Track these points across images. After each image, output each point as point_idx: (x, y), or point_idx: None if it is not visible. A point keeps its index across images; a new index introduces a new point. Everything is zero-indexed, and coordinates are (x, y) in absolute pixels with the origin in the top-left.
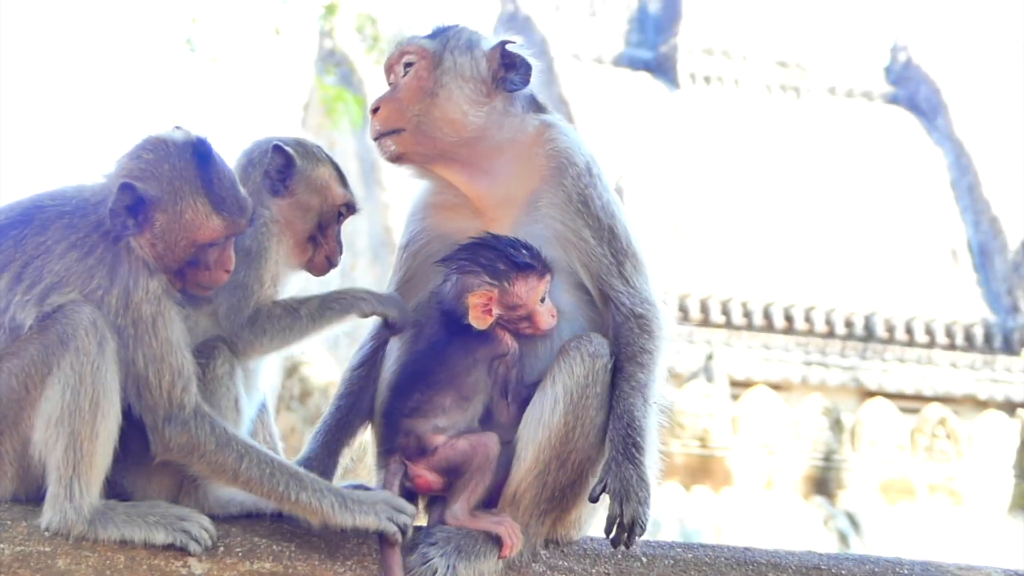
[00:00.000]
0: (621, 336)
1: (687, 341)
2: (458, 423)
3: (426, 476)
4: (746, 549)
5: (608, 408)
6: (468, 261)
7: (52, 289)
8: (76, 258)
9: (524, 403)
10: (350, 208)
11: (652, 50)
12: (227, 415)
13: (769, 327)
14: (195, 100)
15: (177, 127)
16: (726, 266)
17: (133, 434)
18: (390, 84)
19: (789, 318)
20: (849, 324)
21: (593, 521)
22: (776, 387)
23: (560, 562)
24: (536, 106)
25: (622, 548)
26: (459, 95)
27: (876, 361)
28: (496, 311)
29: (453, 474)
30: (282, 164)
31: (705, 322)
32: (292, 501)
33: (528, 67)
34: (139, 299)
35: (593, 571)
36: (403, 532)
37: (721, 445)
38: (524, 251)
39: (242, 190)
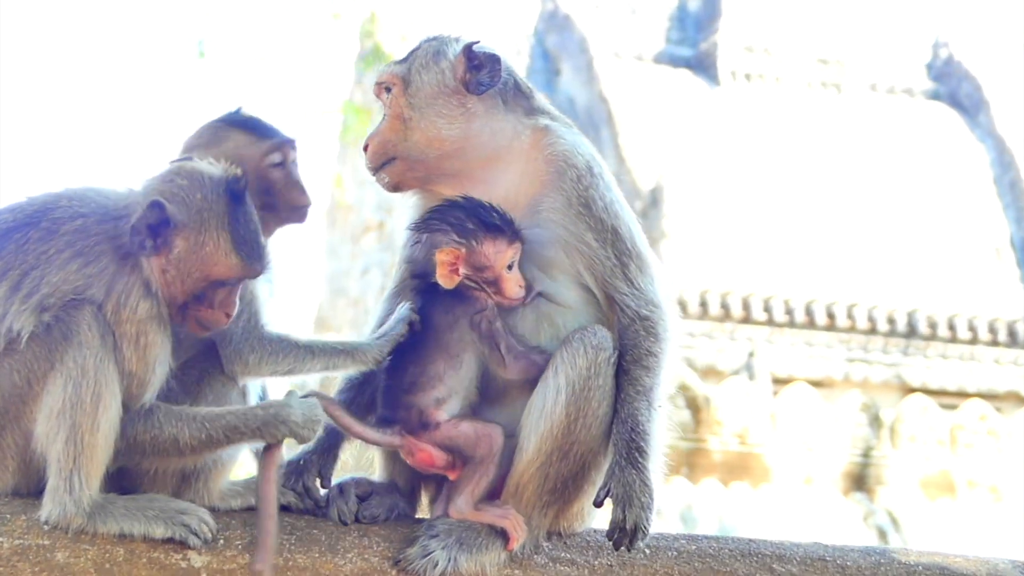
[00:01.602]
0: (627, 339)
1: (729, 339)
2: (455, 389)
3: (428, 451)
4: (750, 541)
5: (612, 401)
6: (438, 220)
7: (49, 297)
8: (77, 267)
9: (526, 358)
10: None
11: (693, 47)
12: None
13: (811, 324)
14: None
15: (211, 163)
16: (768, 263)
17: None
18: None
19: (831, 315)
20: (891, 321)
21: (596, 513)
22: (818, 384)
23: (563, 554)
24: (528, 104)
25: (622, 548)
26: (431, 112)
27: (919, 358)
28: (463, 271)
29: (455, 455)
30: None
31: (747, 319)
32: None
33: (495, 61)
34: (128, 315)
35: (596, 563)
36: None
37: (760, 442)
38: (495, 214)
39: (263, 239)
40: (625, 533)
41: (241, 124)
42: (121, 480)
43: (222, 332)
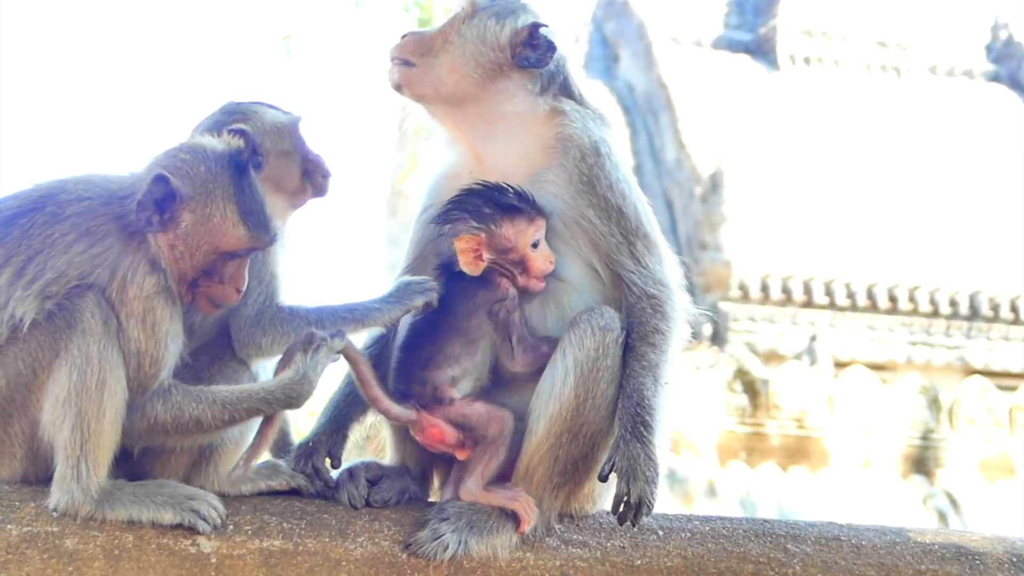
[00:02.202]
0: (633, 316)
1: (791, 323)
2: (469, 370)
3: (440, 426)
4: (764, 521)
5: (620, 381)
6: (456, 209)
7: (52, 283)
8: (82, 249)
9: (533, 351)
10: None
11: (751, 32)
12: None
13: (873, 307)
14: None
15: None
16: (829, 247)
17: None
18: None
19: (893, 298)
20: (954, 303)
21: (609, 495)
22: (880, 368)
23: (575, 536)
24: (562, 93)
25: (629, 525)
26: (471, 50)
27: (981, 340)
28: (487, 255)
29: (465, 433)
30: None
31: (808, 304)
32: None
33: (551, 50)
34: (135, 293)
35: (608, 545)
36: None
37: (818, 425)
38: (511, 194)
39: (269, 209)
40: (630, 507)
41: (261, 103)
42: (131, 466)
43: (235, 315)
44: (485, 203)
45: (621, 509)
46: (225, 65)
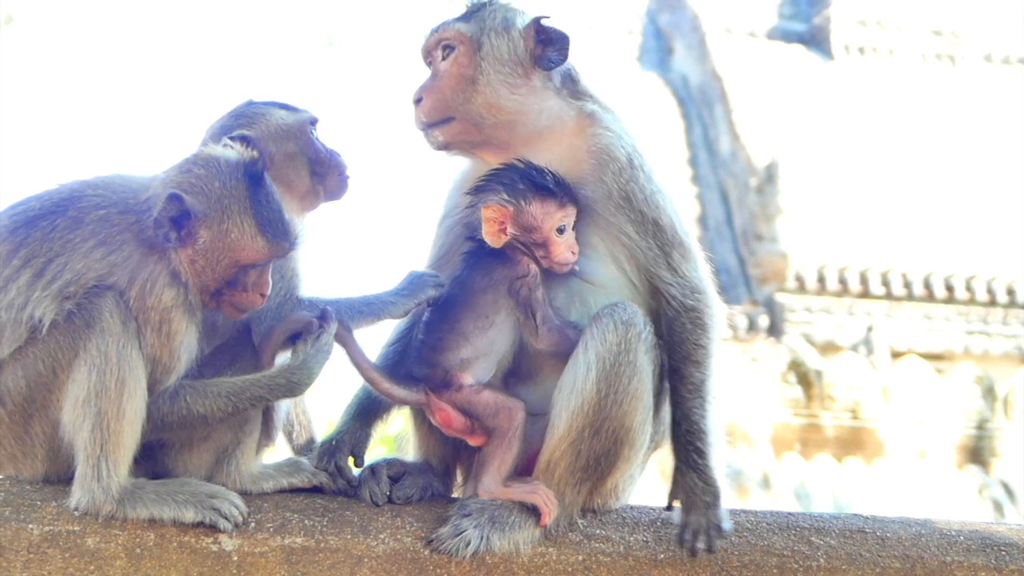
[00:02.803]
0: (674, 333)
1: (847, 313)
2: (482, 351)
3: (447, 410)
4: (789, 514)
5: (643, 376)
6: (493, 180)
7: (71, 284)
8: (100, 256)
9: (559, 332)
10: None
11: (805, 22)
12: None
13: (930, 297)
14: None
15: (229, 144)
16: (885, 237)
17: None
18: (430, 69)
19: (950, 288)
20: (1011, 292)
21: (632, 489)
22: (938, 357)
23: (598, 531)
24: (574, 87)
25: (687, 551)
26: (498, 80)
27: None
28: (511, 230)
29: (474, 420)
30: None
31: (865, 294)
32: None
33: (565, 40)
34: (153, 303)
35: (632, 539)
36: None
37: (873, 416)
38: (548, 176)
39: (287, 215)
40: (695, 535)
41: (271, 103)
42: (153, 465)
43: (255, 311)
44: (521, 179)
45: (687, 541)
46: (267, 58)
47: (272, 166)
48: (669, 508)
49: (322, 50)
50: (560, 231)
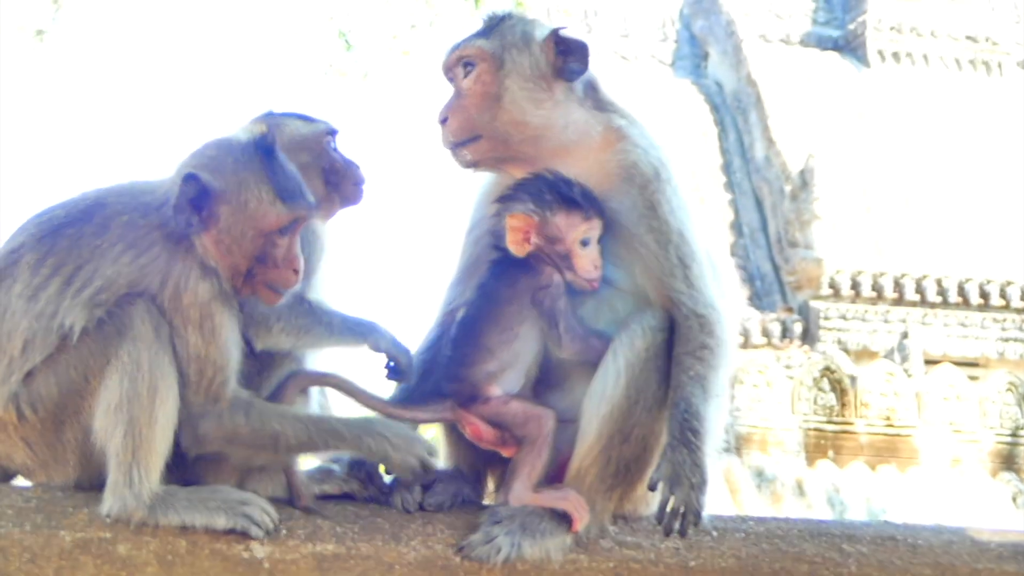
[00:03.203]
0: (681, 333)
1: (882, 320)
2: (508, 363)
3: (476, 424)
4: (820, 521)
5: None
6: (520, 190)
7: (102, 291)
8: (129, 260)
9: (583, 340)
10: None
11: (840, 29)
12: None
13: (965, 304)
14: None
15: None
16: (920, 243)
17: None
18: (453, 86)
19: (985, 295)
20: None
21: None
22: (973, 364)
23: (628, 538)
24: (597, 97)
25: (663, 529)
26: (523, 95)
27: None
28: (534, 240)
29: (505, 431)
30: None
31: (899, 301)
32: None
33: (584, 50)
34: (190, 300)
35: (662, 546)
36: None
37: (907, 423)
38: (575, 188)
39: (304, 185)
40: (675, 515)
41: (289, 114)
42: (184, 472)
43: (279, 310)
44: (548, 189)
45: (666, 519)
46: (283, 65)
47: None
48: (652, 488)
49: (339, 54)
50: (584, 244)
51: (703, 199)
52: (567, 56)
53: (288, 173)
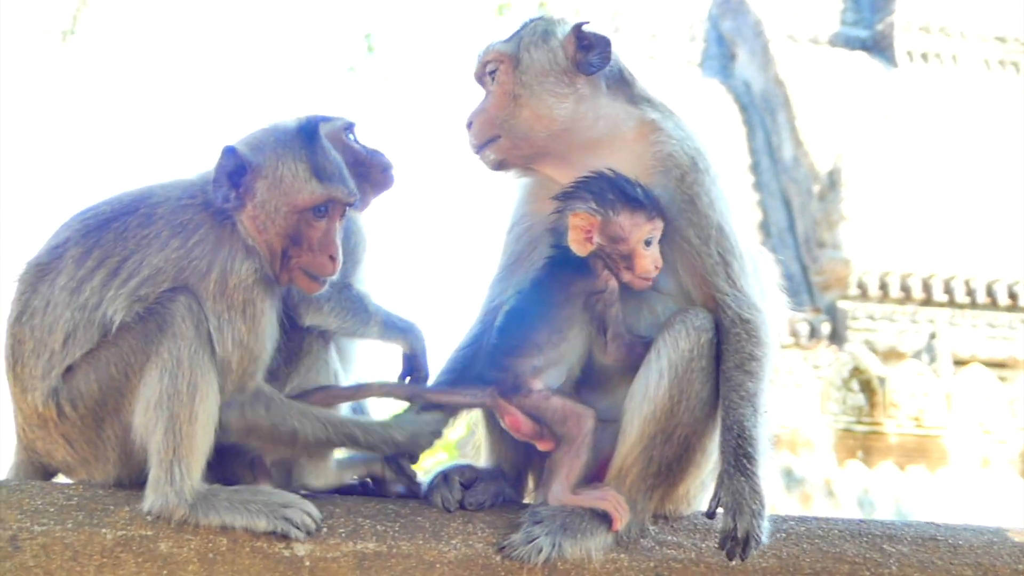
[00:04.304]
0: (729, 343)
1: (910, 320)
2: (553, 361)
3: (516, 415)
4: (861, 521)
5: (715, 383)
6: (581, 188)
7: (147, 281)
8: (177, 244)
9: (628, 349)
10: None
11: (868, 29)
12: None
13: (993, 304)
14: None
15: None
16: (948, 244)
17: None
18: (486, 94)
19: (1013, 295)
20: None
21: (704, 496)
22: (1001, 365)
23: (669, 537)
24: (630, 92)
25: (726, 555)
26: (541, 90)
27: None
28: (597, 239)
29: (542, 426)
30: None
31: (928, 301)
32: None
33: (606, 44)
34: (235, 283)
35: (703, 546)
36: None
37: (936, 424)
38: (639, 189)
39: (346, 171)
40: (737, 542)
41: (314, 116)
42: (224, 468)
43: (318, 300)
44: (611, 189)
45: (728, 545)
46: (304, 67)
47: None
48: (711, 515)
49: (361, 57)
50: (647, 244)
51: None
52: (589, 51)
53: (329, 156)
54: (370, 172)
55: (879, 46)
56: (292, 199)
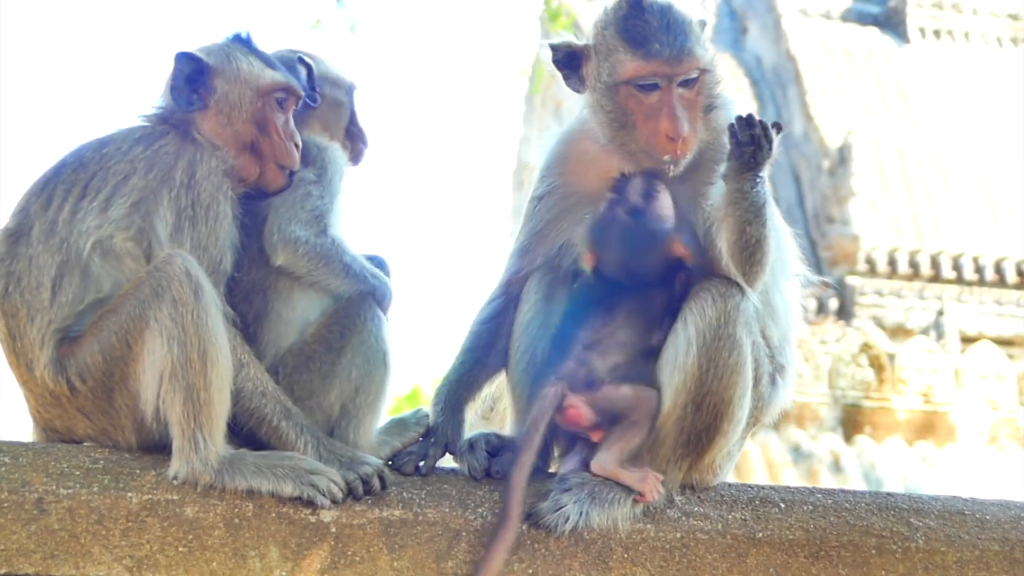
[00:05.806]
0: None
1: (918, 297)
2: (630, 359)
3: (580, 409)
4: (888, 495)
5: (742, 350)
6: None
7: (116, 191)
8: (140, 150)
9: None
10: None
11: (880, 5)
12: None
13: (1001, 282)
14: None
15: None
16: (957, 221)
17: None
18: (663, 83)
19: (1021, 273)
20: None
21: (730, 466)
22: (1008, 343)
23: (696, 508)
24: None
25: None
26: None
27: None
28: None
29: (605, 417)
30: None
31: (936, 278)
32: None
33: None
34: (204, 173)
35: (730, 517)
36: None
37: (944, 400)
38: None
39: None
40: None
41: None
42: (256, 439)
43: (284, 206)
44: None
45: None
46: (270, 19)
47: (322, 102)
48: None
49: (344, 35)
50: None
51: None
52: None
53: (272, 58)
54: (355, 140)
55: (891, 22)
56: (255, 84)
